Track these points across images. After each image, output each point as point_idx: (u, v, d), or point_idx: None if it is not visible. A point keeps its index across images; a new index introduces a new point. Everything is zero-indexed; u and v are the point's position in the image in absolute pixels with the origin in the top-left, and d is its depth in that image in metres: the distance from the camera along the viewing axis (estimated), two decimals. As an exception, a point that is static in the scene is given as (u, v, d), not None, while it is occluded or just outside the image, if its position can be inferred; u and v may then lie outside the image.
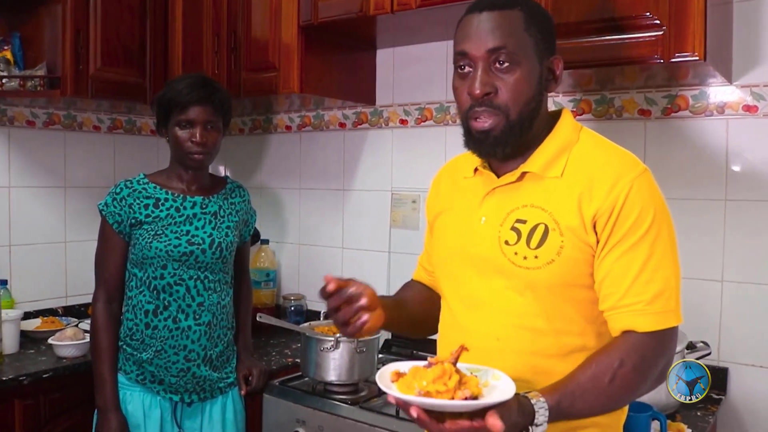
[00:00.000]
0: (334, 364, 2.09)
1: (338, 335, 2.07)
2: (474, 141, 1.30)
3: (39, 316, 2.79)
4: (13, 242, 2.80)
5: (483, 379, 1.15)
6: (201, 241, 2.05)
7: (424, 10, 2.12)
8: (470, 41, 1.27)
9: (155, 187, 2.09)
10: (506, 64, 1.25)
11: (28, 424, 2.19)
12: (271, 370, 2.31)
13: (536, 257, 1.25)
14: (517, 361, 1.27)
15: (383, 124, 2.76)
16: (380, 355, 2.35)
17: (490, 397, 1.08)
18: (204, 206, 2.11)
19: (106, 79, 2.64)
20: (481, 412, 1.06)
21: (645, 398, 1.75)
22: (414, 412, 1.07)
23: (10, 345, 2.41)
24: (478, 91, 1.25)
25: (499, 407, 1.06)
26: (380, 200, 2.75)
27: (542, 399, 1.14)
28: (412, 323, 1.54)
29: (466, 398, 1.06)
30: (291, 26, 2.45)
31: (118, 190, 2.07)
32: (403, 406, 1.11)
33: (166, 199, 2.08)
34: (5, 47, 2.64)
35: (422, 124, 2.64)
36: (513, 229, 1.28)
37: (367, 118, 2.80)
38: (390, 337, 2.62)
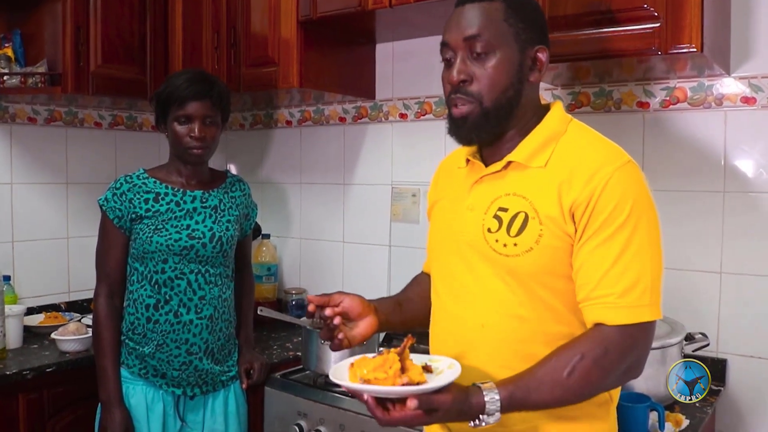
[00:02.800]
0: (335, 356, 2.09)
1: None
2: (453, 127, 1.35)
3: (42, 311, 2.81)
4: (15, 238, 2.82)
5: (439, 368, 1.21)
6: (201, 235, 2.06)
7: (423, 4, 2.13)
8: (450, 32, 1.33)
9: (155, 182, 2.10)
10: (482, 53, 1.29)
11: (32, 418, 2.20)
12: (273, 363, 2.33)
13: (515, 245, 1.27)
14: (502, 347, 1.29)
15: (383, 118, 2.76)
16: (381, 348, 2.36)
17: (428, 385, 1.14)
18: (204, 200, 2.12)
19: (106, 76, 2.65)
20: (422, 399, 1.12)
21: (643, 389, 1.76)
22: (357, 397, 1.17)
23: (14, 340, 2.43)
24: (453, 79, 1.31)
25: (430, 394, 1.12)
26: (381, 194, 2.76)
27: (495, 389, 1.17)
28: (418, 320, 1.56)
29: (403, 384, 1.12)
30: (290, 21, 2.45)
31: (118, 185, 2.08)
32: (349, 391, 1.20)
33: (166, 194, 2.09)
34: (6, 44, 2.65)
35: (422, 117, 2.65)
36: (495, 216, 1.30)
37: (367, 113, 2.81)
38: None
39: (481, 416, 1.17)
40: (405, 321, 1.56)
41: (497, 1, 1.31)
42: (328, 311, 1.40)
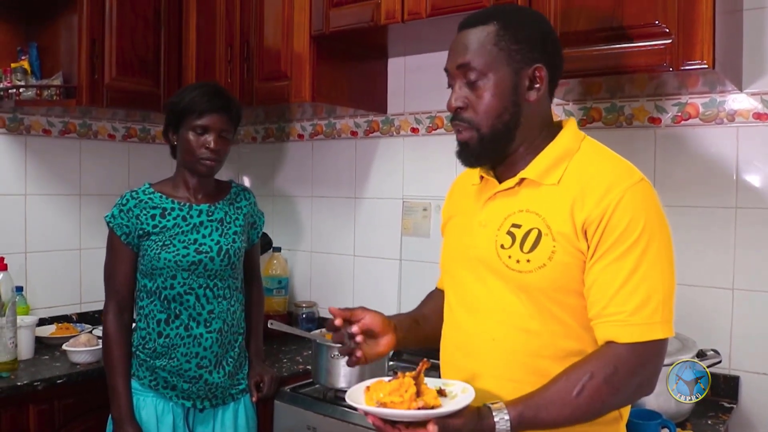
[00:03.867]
0: (345, 371, 2.10)
1: (349, 342, 2.07)
2: (457, 150, 1.39)
3: (54, 322, 2.82)
4: (28, 249, 2.83)
5: (453, 392, 1.24)
6: (209, 249, 2.07)
7: (434, 19, 2.14)
8: (448, 59, 1.38)
9: (161, 197, 2.10)
10: (474, 80, 1.32)
11: (42, 429, 2.21)
12: (283, 376, 2.32)
13: (528, 261, 1.27)
14: (512, 361, 1.30)
15: (394, 133, 2.77)
16: (390, 363, 2.36)
17: (442, 409, 1.17)
18: (210, 213, 2.12)
19: (121, 89, 2.68)
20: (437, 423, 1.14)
21: (654, 406, 1.75)
22: (370, 420, 1.18)
23: (26, 351, 2.44)
24: (450, 106, 1.35)
25: (445, 418, 1.14)
26: (391, 208, 2.77)
27: (504, 409, 1.19)
28: (434, 337, 1.56)
29: (419, 408, 1.15)
30: (303, 36, 2.47)
31: (124, 202, 2.08)
32: (365, 414, 1.20)
33: (173, 209, 2.09)
34: (23, 57, 2.68)
35: (433, 132, 2.66)
36: (508, 233, 1.31)
37: (378, 127, 2.82)
38: (392, 353, 2.62)
39: None
40: (421, 339, 1.58)
41: (490, 24, 1.33)
42: (354, 328, 1.42)
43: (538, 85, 1.33)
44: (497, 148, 1.34)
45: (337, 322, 1.42)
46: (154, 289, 2.06)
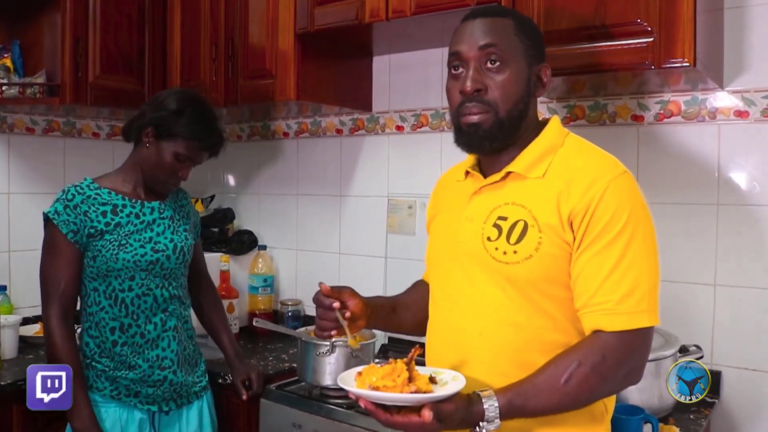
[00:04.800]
0: (330, 368, 2.10)
1: (334, 340, 2.08)
2: (463, 135, 1.37)
3: (37, 321, 2.80)
4: (12, 248, 2.82)
5: (444, 380, 1.25)
6: (164, 248, 2.01)
7: (419, 17, 2.14)
8: (463, 42, 1.35)
9: (109, 193, 1.98)
10: (497, 63, 1.32)
11: (26, 428, 2.20)
12: (268, 374, 2.32)
13: (515, 252, 1.29)
14: (500, 355, 1.31)
15: (380, 131, 2.78)
16: (376, 360, 2.36)
17: (434, 394, 1.18)
18: (161, 211, 2.06)
19: (104, 87, 2.67)
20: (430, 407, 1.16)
21: (637, 401, 1.77)
22: (362, 403, 1.19)
23: (9, 350, 2.43)
24: (469, 88, 1.32)
25: (437, 403, 1.16)
26: (377, 206, 2.77)
27: (493, 396, 1.20)
28: (406, 326, 1.63)
29: (412, 392, 1.16)
30: (287, 34, 2.47)
31: (69, 197, 1.93)
32: (355, 398, 1.20)
33: (124, 206, 1.99)
34: (5, 55, 2.66)
35: (418, 130, 2.66)
36: (495, 225, 1.33)
37: (363, 125, 2.82)
38: (386, 341, 2.64)
39: (481, 423, 1.20)
40: (394, 326, 1.63)
41: (508, 18, 1.36)
42: (348, 314, 1.44)
43: (544, 82, 1.38)
44: (509, 135, 1.35)
45: (336, 305, 1.43)
46: (108, 292, 1.95)
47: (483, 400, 1.20)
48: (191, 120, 1.97)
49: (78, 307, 2.03)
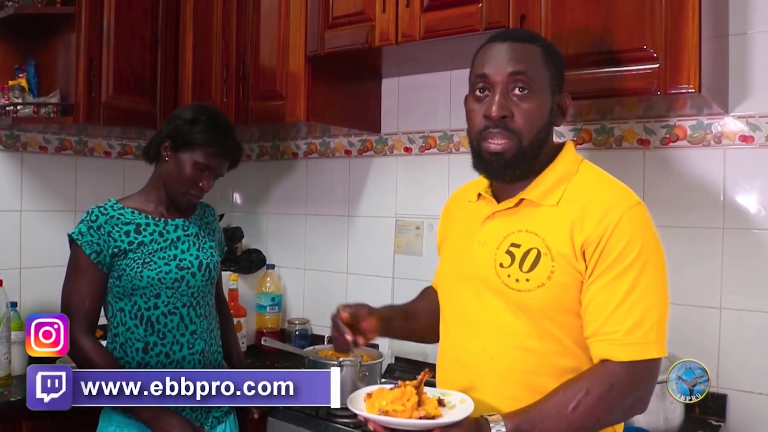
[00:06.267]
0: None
1: (341, 359, 2.09)
2: (484, 162, 1.36)
3: (47, 338, 2.82)
4: (23, 265, 2.85)
5: (452, 403, 1.27)
6: (189, 265, 1.99)
7: (428, 41, 2.17)
8: (492, 65, 1.34)
9: (132, 212, 1.99)
10: (525, 91, 1.32)
11: (35, 444, 2.21)
12: (276, 393, 2.33)
13: (528, 280, 1.30)
14: (510, 379, 1.32)
15: (388, 152, 2.80)
16: (383, 380, 2.37)
17: (443, 419, 1.20)
18: (185, 228, 2.04)
19: (117, 107, 2.70)
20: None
21: (642, 423, 1.77)
22: (371, 426, 1.21)
23: (19, 366, 2.44)
24: (495, 114, 1.31)
25: (446, 428, 1.18)
26: (385, 226, 2.79)
27: (501, 421, 1.21)
28: (418, 334, 1.65)
29: (420, 417, 1.18)
30: (298, 56, 2.50)
31: (93, 218, 1.94)
32: (364, 420, 1.23)
33: (147, 224, 1.99)
34: (20, 75, 2.71)
35: (426, 152, 2.69)
36: (508, 252, 1.33)
37: (372, 146, 2.85)
38: (393, 361, 2.64)
39: None
40: (406, 334, 1.65)
41: (536, 45, 1.36)
42: (360, 341, 1.47)
43: (565, 112, 1.39)
44: (529, 162, 1.34)
45: (349, 338, 1.46)
46: (134, 311, 1.94)
47: (491, 425, 1.21)
48: (206, 127, 1.97)
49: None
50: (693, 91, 1.73)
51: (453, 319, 1.45)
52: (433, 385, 1.41)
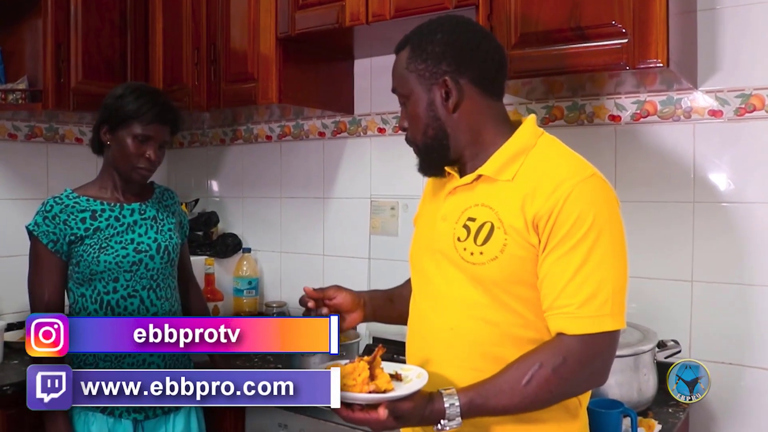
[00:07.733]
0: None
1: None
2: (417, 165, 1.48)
3: (22, 327, 2.79)
4: (-5, 254, 2.82)
5: (409, 377, 1.30)
6: (147, 248, 2.00)
7: (399, 20, 2.16)
8: None
9: (87, 200, 2.01)
10: (404, 103, 1.43)
11: (11, 433, 2.20)
12: (254, 376, 2.33)
13: (481, 253, 1.31)
14: (472, 350, 1.34)
15: (362, 133, 2.80)
16: (345, 359, 2.38)
17: (393, 393, 1.23)
18: (142, 212, 2.06)
19: (87, 92, 2.67)
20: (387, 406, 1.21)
21: (616, 395, 1.80)
22: None
23: (-6, 354, 2.43)
24: (400, 130, 1.47)
25: (394, 401, 1.21)
26: (360, 208, 2.80)
27: (455, 395, 1.23)
28: (407, 316, 1.62)
29: (370, 392, 1.21)
30: (269, 38, 2.49)
31: (48, 208, 1.97)
32: None
33: (103, 210, 2.00)
34: (-14, 61, 2.67)
35: (399, 132, 2.68)
36: (464, 226, 1.35)
37: (345, 127, 2.85)
38: (371, 341, 2.66)
39: (442, 421, 1.23)
40: (393, 317, 1.64)
41: (405, 50, 1.42)
42: (324, 310, 1.51)
43: (451, 96, 1.37)
44: (435, 159, 1.42)
45: (310, 304, 1.51)
46: (94, 296, 1.97)
47: (444, 399, 1.23)
48: (134, 98, 1.98)
49: None
50: (661, 65, 1.75)
51: (419, 291, 1.47)
52: (404, 360, 1.42)
